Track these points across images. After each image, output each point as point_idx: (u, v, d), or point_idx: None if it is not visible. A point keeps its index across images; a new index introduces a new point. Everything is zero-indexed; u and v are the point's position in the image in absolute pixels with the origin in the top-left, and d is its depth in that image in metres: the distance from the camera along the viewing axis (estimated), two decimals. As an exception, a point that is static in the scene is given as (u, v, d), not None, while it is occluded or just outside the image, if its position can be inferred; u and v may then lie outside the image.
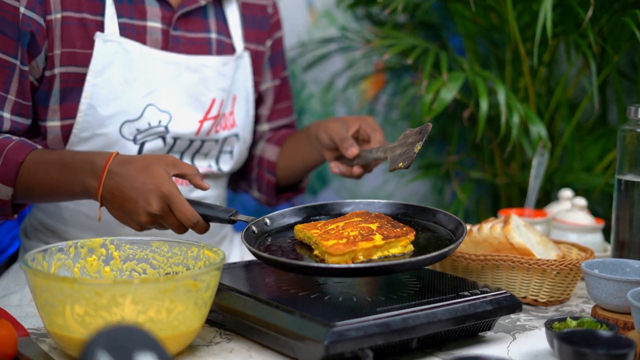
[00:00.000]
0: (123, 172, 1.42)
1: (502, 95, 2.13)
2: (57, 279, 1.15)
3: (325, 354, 1.13)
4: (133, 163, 1.43)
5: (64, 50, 1.59)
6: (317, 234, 1.36)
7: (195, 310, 1.19)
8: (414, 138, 1.50)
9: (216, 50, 1.75)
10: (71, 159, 1.50)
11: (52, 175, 1.50)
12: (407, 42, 2.33)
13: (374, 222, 1.38)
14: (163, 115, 1.66)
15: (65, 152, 1.54)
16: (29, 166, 1.51)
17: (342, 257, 1.28)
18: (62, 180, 1.49)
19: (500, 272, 1.53)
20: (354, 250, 1.29)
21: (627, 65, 2.58)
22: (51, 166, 1.50)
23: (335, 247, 1.29)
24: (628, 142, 1.57)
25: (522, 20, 2.30)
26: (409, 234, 1.35)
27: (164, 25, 1.68)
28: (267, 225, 1.47)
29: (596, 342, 1.14)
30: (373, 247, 1.30)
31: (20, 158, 1.51)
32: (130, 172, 1.42)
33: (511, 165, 2.50)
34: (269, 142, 1.91)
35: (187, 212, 1.40)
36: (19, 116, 1.59)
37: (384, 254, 1.32)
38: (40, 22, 1.56)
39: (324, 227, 1.38)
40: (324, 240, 1.32)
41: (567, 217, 1.81)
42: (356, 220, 1.40)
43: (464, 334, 1.31)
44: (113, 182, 1.42)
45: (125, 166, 1.43)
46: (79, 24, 1.60)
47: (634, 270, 1.45)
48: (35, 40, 1.56)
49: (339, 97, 2.65)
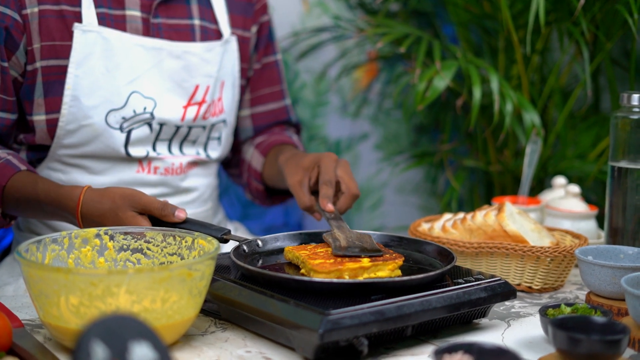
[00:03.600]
0: (97, 224, 1.45)
1: (495, 83, 2.13)
2: (52, 269, 1.15)
3: (320, 342, 1.13)
4: (105, 218, 1.44)
5: (44, 43, 1.58)
6: (306, 254, 1.35)
7: (190, 299, 1.19)
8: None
9: (200, 36, 1.75)
10: (45, 195, 1.51)
11: (34, 211, 1.55)
12: (400, 31, 2.33)
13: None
14: (148, 102, 1.66)
15: (39, 186, 1.52)
16: (12, 192, 1.54)
17: (327, 275, 1.27)
18: (45, 216, 1.56)
19: (495, 259, 1.54)
20: (340, 270, 1.28)
21: (620, 53, 2.58)
22: (30, 201, 1.53)
23: (322, 265, 1.28)
24: (621, 129, 1.57)
25: (515, 8, 2.30)
26: (397, 259, 1.33)
27: (144, 13, 1.67)
28: (258, 246, 1.46)
29: (590, 328, 1.14)
30: (359, 268, 1.29)
31: (2, 181, 1.54)
32: (100, 219, 1.45)
33: (504, 153, 2.50)
34: (257, 149, 1.89)
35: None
36: (4, 112, 1.59)
37: (370, 276, 1.30)
38: (15, 17, 1.56)
39: (314, 249, 1.38)
40: (311, 259, 1.32)
41: (561, 205, 1.81)
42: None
43: (459, 321, 1.31)
44: (92, 224, 1.46)
45: (96, 220, 1.45)
46: (57, 16, 1.59)
47: (627, 256, 1.45)
48: (11, 36, 1.56)
49: (332, 86, 2.65)
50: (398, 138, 2.79)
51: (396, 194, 2.81)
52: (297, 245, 1.43)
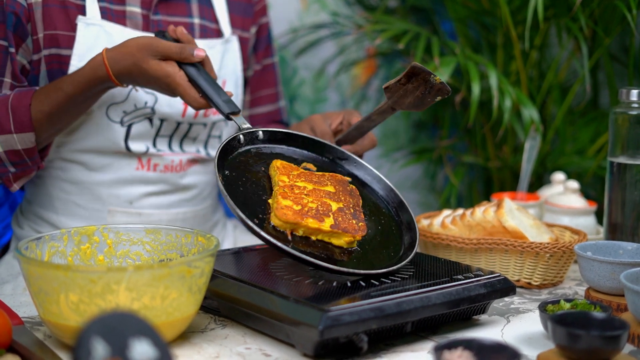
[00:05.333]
0: (131, 80, 1.50)
1: (494, 79, 2.13)
2: (51, 266, 1.15)
3: (319, 338, 1.13)
4: (132, 73, 1.47)
5: (47, 32, 1.59)
6: (283, 184, 1.34)
7: (189, 296, 1.19)
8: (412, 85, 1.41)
9: (199, 34, 1.75)
10: (74, 87, 1.51)
11: (67, 111, 1.54)
12: (399, 27, 2.33)
13: (340, 201, 1.36)
14: (148, 97, 1.66)
15: (63, 84, 1.53)
16: (39, 108, 1.53)
17: (283, 224, 1.28)
18: (80, 108, 1.56)
19: (494, 255, 1.54)
20: (298, 224, 1.28)
21: (619, 49, 2.58)
22: (62, 103, 1.53)
23: (283, 212, 1.28)
24: (620, 124, 1.57)
25: (513, 4, 2.30)
26: (358, 233, 1.32)
27: (144, 10, 1.67)
28: (258, 139, 1.46)
29: (590, 324, 1.14)
30: (317, 229, 1.29)
31: (26, 102, 1.53)
32: (137, 81, 1.49)
33: (503, 149, 2.50)
34: None
35: (189, 98, 1.47)
36: None
37: (324, 239, 1.30)
38: (23, 5, 1.56)
39: (295, 179, 1.37)
40: (281, 196, 1.31)
41: (560, 200, 1.82)
42: (327, 189, 1.38)
43: (458, 317, 1.32)
44: (129, 82, 1.51)
45: (127, 77, 1.49)
46: (60, 7, 1.60)
47: (626, 252, 1.45)
48: (21, 23, 1.56)
49: (331, 83, 2.65)
50: (397, 134, 2.79)
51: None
52: (286, 165, 1.41)
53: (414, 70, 1.36)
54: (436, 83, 1.38)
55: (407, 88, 1.39)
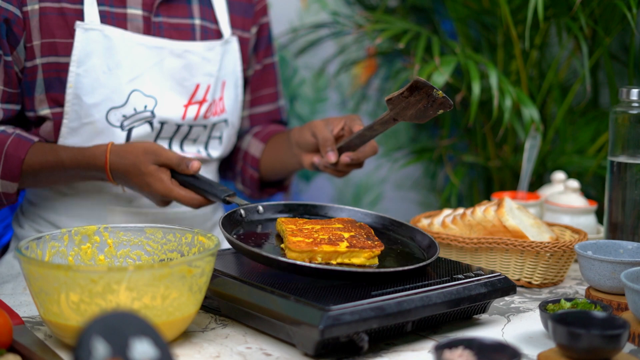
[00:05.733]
0: (123, 179, 1.57)
1: (494, 78, 2.13)
2: (52, 266, 1.15)
3: (320, 338, 1.13)
4: (128, 173, 1.55)
5: (44, 40, 1.59)
6: (291, 229, 1.36)
7: (190, 296, 1.19)
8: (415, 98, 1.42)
9: (200, 35, 1.75)
10: (70, 160, 1.57)
11: (56, 177, 1.62)
12: (399, 27, 2.33)
13: (350, 231, 1.38)
14: (148, 100, 1.66)
15: (61, 153, 1.58)
16: (31, 163, 1.58)
17: (299, 255, 1.28)
18: (67, 180, 1.63)
19: (494, 254, 1.54)
20: (314, 251, 1.28)
21: (619, 48, 2.58)
22: (54, 168, 1.59)
23: (297, 244, 1.29)
24: (620, 123, 1.57)
25: (513, 3, 2.30)
26: (376, 248, 1.32)
27: (145, 12, 1.67)
28: (258, 212, 1.48)
29: (590, 323, 1.14)
30: (334, 252, 1.29)
31: (22, 154, 1.57)
32: (130, 181, 1.56)
33: (504, 149, 2.50)
34: (256, 137, 1.90)
35: (186, 202, 1.56)
36: (9, 103, 1.60)
37: (344, 261, 1.30)
38: (16, 13, 1.56)
39: (301, 225, 1.39)
40: (292, 235, 1.32)
41: (560, 200, 1.82)
42: (335, 226, 1.40)
43: (459, 316, 1.32)
44: (120, 181, 1.59)
45: (122, 175, 1.56)
46: (58, 14, 1.59)
47: (627, 251, 1.46)
48: (12, 31, 1.56)
49: (331, 82, 2.65)
50: (397, 134, 2.79)
51: (395, 190, 2.81)
52: (290, 218, 1.44)
53: (417, 84, 1.37)
54: (439, 97, 1.38)
55: (410, 101, 1.40)
